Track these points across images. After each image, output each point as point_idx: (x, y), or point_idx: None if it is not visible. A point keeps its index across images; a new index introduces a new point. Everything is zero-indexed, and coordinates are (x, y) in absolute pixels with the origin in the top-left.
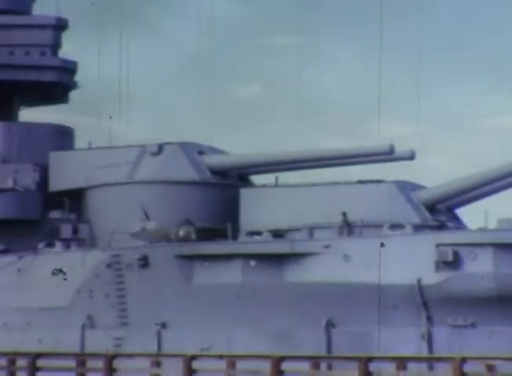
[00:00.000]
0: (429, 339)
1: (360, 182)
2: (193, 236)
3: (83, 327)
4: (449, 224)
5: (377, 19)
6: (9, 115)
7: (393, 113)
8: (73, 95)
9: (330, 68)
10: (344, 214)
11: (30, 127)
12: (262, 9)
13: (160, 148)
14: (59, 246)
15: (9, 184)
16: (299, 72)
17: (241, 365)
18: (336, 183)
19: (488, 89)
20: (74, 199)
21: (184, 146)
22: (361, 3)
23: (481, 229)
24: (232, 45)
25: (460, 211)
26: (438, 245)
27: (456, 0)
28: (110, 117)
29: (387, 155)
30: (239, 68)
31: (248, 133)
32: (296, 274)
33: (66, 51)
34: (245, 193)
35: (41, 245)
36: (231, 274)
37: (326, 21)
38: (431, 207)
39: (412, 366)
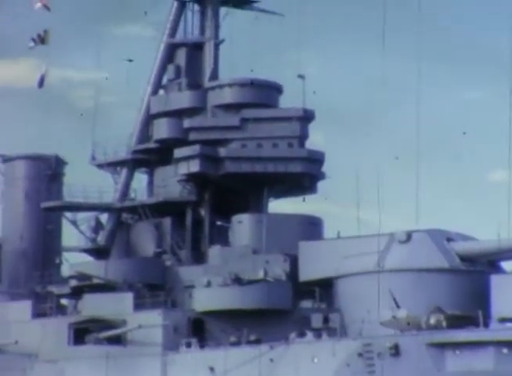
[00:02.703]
0: None
1: None
2: (444, 323)
3: None
4: None
5: None
6: (259, 207)
7: None
8: (321, 185)
9: None
10: None
11: (280, 218)
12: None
13: (409, 236)
14: (310, 336)
15: (260, 275)
16: None
17: None
18: None
19: None
20: (324, 288)
21: (432, 233)
22: None
23: None
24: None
25: None
26: None
27: None
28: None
29: None
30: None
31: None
32: None
33: (314, 141)
34: (496, 280)
35: (292, 335)
36: (483, 362)
37: None
38: None
39: None
